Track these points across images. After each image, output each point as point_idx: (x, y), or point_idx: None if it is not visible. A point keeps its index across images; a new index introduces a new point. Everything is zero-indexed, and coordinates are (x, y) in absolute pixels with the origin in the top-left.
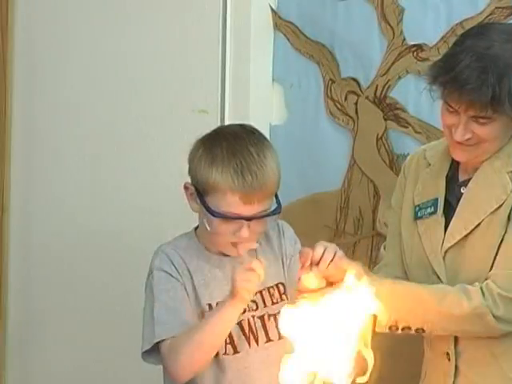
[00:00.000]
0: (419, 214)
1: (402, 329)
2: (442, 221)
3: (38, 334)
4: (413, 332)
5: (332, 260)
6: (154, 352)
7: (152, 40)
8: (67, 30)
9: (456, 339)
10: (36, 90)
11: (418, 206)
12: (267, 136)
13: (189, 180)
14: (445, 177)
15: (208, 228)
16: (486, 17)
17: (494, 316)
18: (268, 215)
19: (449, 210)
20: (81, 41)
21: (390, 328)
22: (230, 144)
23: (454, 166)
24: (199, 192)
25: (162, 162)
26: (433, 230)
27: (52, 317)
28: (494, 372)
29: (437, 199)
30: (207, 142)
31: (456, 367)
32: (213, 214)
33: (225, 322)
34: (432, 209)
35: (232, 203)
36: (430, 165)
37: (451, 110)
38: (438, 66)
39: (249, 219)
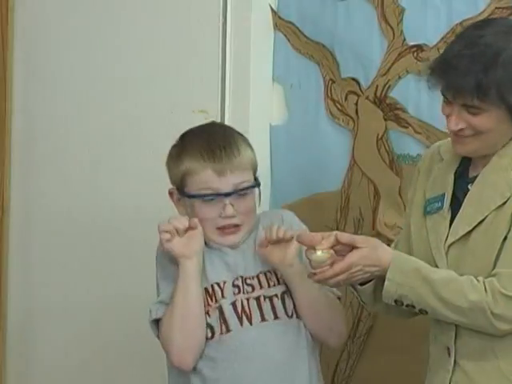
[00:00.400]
0: (428, 209)
1: (407, 305)
2: (448, 216)
3: (38, 333)
4: (416, 311)
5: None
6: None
7: (152, 40)
8: (67, 30)
9: (457, 335)
10: (36, 91)
11: (428, 200)
12: (267, 136)
13: None
14: (454, 172)
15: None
16: (486, 17)
17: (492, 313)
18: (247, 188)
19: (456, 206)
20: (80, 41)
21: (395, 302)
22: (197, 134)
23: (466, 162)
24: (180, 190)
25: (162, 162)
26: (438, 225)
27: (52, 317)
28: (491, 369)
29: (444, 194)
30: (175, 143)
31: (455, 362)
32: (191, 196)
33: (185, 280)
34: (439, 204)
35: (206, 178)
36: (442, 160)
37: (445, 99)
38: (436, 58)
39: (227, 195)
